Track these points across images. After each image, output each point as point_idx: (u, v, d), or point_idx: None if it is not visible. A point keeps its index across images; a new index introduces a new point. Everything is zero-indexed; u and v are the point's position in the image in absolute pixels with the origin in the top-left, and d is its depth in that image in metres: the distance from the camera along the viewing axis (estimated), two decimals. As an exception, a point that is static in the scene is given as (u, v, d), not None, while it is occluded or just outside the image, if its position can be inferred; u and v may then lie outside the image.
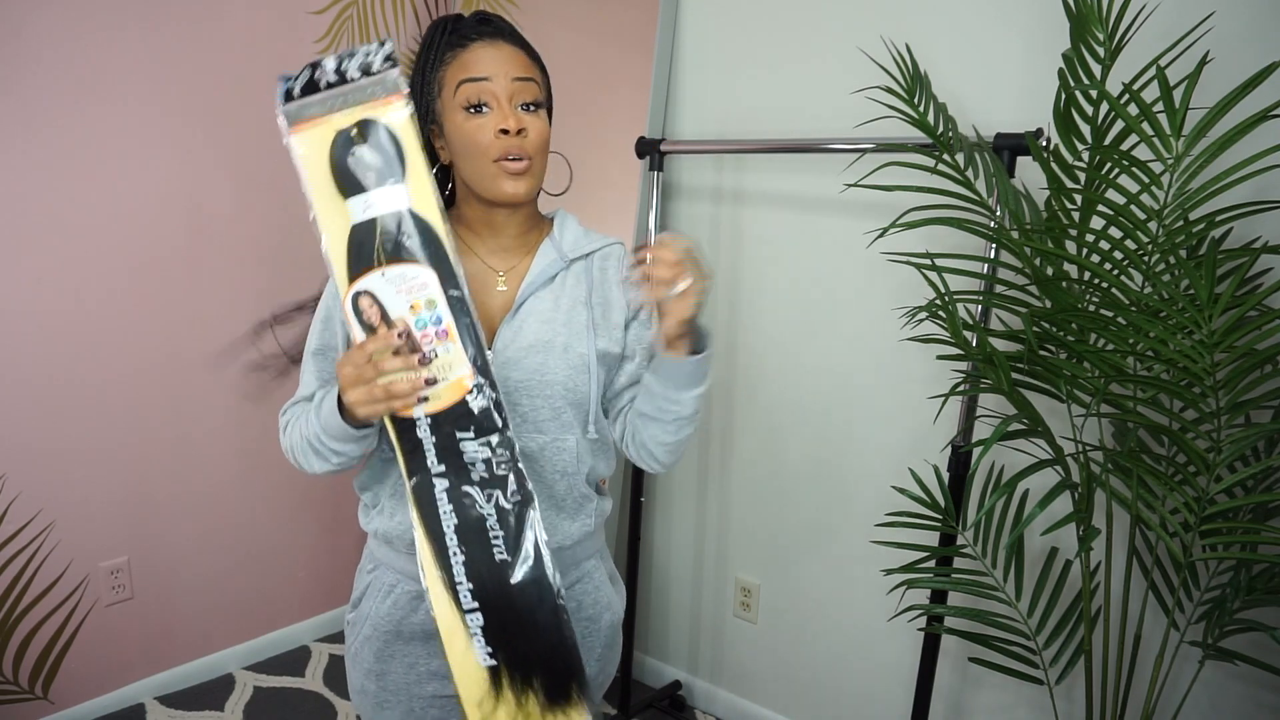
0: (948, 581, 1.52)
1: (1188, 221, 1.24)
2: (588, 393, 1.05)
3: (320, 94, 0.82)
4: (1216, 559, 1.27)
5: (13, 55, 1.81)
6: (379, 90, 0.80)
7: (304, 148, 0.85)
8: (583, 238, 1.10)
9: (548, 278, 1.06)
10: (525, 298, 1.04)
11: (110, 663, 2.16)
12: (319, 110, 0.82)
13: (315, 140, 0.84)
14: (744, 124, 2.06)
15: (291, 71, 0.84)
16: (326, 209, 0.87)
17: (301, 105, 0.83)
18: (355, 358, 0.88)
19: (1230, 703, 1.56)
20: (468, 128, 0.98)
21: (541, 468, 1.04)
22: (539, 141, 1.00)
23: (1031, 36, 1.63)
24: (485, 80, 0.97)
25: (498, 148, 0.97)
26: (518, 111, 0.98)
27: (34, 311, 1.91)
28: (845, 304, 1.95)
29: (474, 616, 0.91)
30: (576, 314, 1.06)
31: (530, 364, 1.02)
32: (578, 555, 1.11)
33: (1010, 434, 1.32)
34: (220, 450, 2.28)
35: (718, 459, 2.23)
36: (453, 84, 0.98)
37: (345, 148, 0.84)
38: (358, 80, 0.81)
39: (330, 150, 0.85)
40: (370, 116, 0.83)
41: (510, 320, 1.03)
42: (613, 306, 1.09)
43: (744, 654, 2.25)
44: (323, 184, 0.86)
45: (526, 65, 1.00)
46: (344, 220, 0.87)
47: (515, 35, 1.02)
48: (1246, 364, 1.15)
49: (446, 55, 0.99)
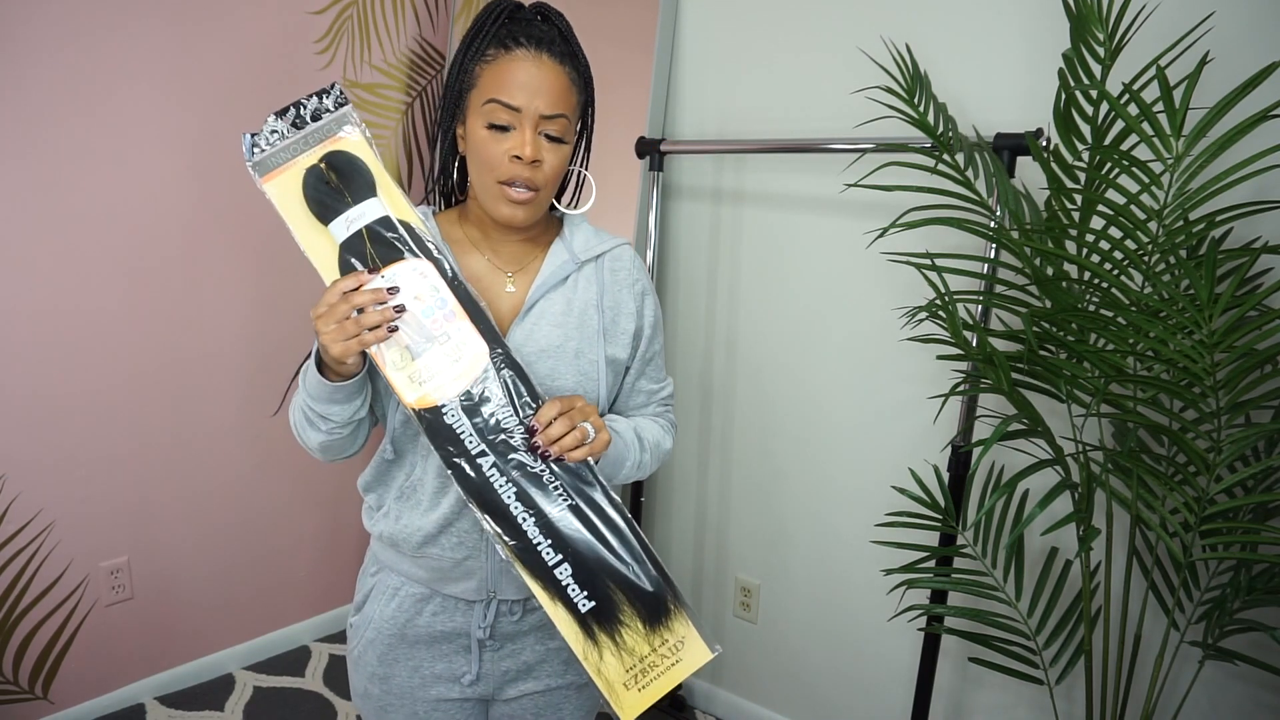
0: (948, 581, 1.52)
1: (1188, 221, 1.25)
2: (596, 398, 1.05)
3: (283, 142, 0.89)
4: (1216, 559, 1.27)
5: (12, 56, 1.81)
6: (334, 126, 0.87)
7: (278, 192, 0.90)
8: (593, 238, 1.09)
9: (560, 279, 1.05)
10: (537, 299, 1.03)
11: (110, 663, 2.16)
12: (285, 156, 0.88)
13: (287, 183, 0.89)
14: (744, 124, 2.06)
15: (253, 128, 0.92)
16: (312, 240, 0.90)
17: (267, 156, 0.89)
18: (327, 296, 0.88)
19: (1230, 703, 1.56)
20: (487, 141, 0.97)
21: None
22: (551, 174, 0.99)
23: (1031, 37, 1.63)
24: (515, 111, 0.96)
25: (507, 171, 0.96)
26: (538, 140, 0.97)
27: (34, 312, 1.91)
28: (845, 304, 1.95)
29: (562, 569, 0.94)
30: (588, 318, 1.05)
31: (540, 369, 1.01)
32: None
33: (1010, 434, 1.32)
34: (220, 450, 2.28)
35: (718, 459, 2.23)
36: (484, 94, 0.96)
37: (316, 180, 0.89)
38: (313, 125, 0.88)
39: (302, 187, 0.90)
40: (332, 149, 0.89)
41: (521, 322, 1.02)
42: (621, 313, 1.08)
43: (744, 654, 2.25)
44: (302, 219, 0.90)
45: (562, 93, 0.97)
46: (331, 244, 0.90)
47: (564, 44, 0.99)
48: (1246, 364, 1.15)
49: (490, 50, 0.97)
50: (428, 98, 2.57)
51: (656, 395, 1.16)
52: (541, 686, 1.11)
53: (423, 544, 1.04)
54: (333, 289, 0.88)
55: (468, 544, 1.03)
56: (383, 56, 2.43)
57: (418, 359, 0.91)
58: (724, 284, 2.15)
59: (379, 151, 0.95)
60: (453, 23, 2.51)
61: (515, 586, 1.06)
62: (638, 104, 2.12)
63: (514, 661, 1.10)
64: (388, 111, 2.48)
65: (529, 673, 1.11)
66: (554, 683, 1.12)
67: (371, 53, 2.40)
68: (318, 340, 0.91)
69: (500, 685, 1.10)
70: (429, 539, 1.03)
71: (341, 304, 0.87)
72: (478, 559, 1.04)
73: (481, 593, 1.05)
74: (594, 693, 1.17)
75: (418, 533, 1.03)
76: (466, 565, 1.04)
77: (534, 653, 1.10)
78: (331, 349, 0.88)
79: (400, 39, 2.46)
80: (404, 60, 2.48)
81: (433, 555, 1.04)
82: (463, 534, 1.03)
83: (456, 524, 1.03)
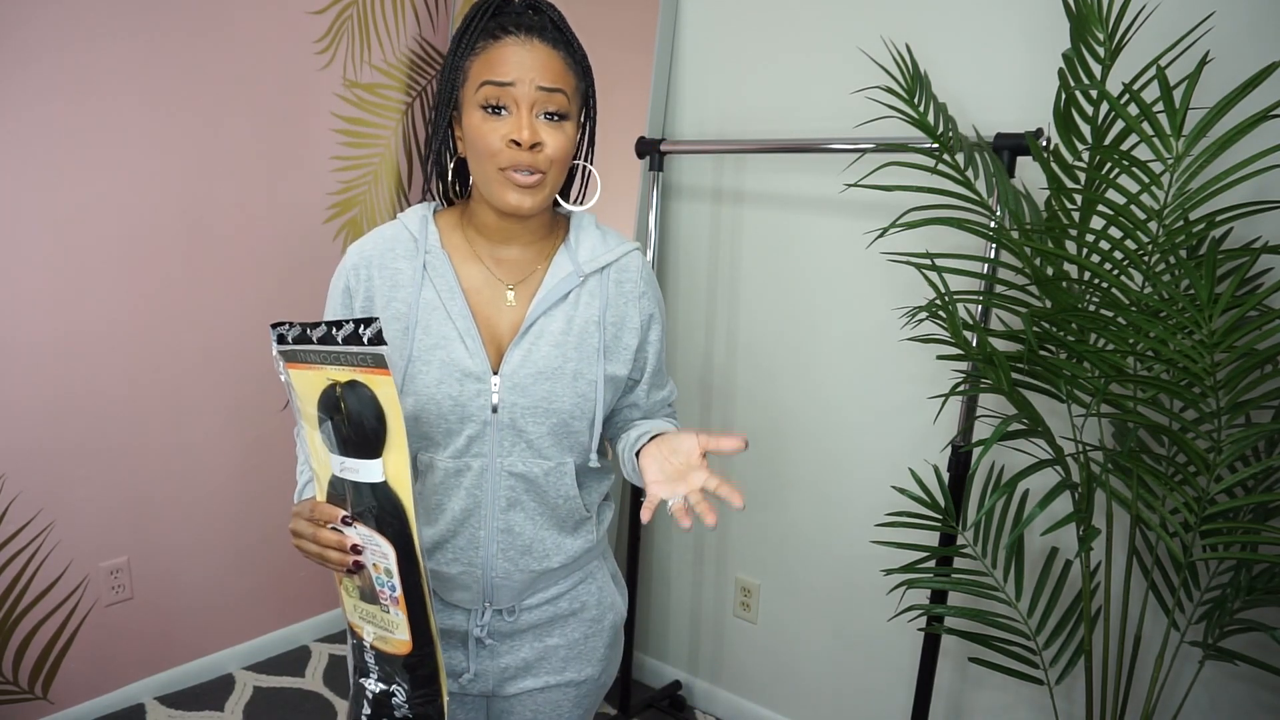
0: (948, 581, 1.52)
1: (1188, 221, 1.24)
2: (593, 418, 1.03)
3: (314, 345, 0.83)
4: (1216, 559, 1.27)
5: (11, 56, 1.81)
6: (369, 361, 0.79)
7: (299, 383, 0.86)
8: (600, 245, 1.05)
9: (560, 295, 1.01)
10: (536, 317, 1.00)
11: (110, 663, 2.16)
12: (314, 359, 0.83)
13: (309, 380, 0.84)
14: (744, 124, 2.06)
15: (283, 320, 0.87)
16: (313, 439, 0.88)
17: (295, 349, 0.84)
18: (302, 524, 0.89)
19: (1230, 703, 1.56)
20: (482, 128, 0.93)
21: (544, 491, 1.03)
22: (555, 155, 0.94)
23: (1031, 36, 1.63)
24: (508, 85, 0.92)
25: (506, 157, 0.93)
26: (536, 121, 0.93)
27: (34, 312, 1.91)
28: (845, 304, 1.95)
29: None
30: (589, 336, 1.02)
31: (538, 391, 0.98)
32: (582, 561, 1.12)
33: (1010, 434, 1.32)
34: (220, 450, 2.28)
35: (718, 459, 2.23)
36: (476, 81, 0.93)
37: (331, 408, 0.84)
38: (346, 347, 0.80)
39: (320, 403, 0.84)
40: (362, 380, 0.81)
41: (519, 343, 0.99)
42: (625, 327, 1.05)
43: (744, 654, 2.25)
44: (311, 419, 0.87)
45: (558, 72, 0.94)
46: (327, 461, 0.87)
47: (556, 32, 0.96)
48: (1246, 364, 1.15)
49: (479, 44, 0.94)
50: (428, 98, 2.57)
51: (665, 401, 1.17)
52: (540, 684, 1.12)
53: None
54: (312, 513, 0.88)
55: (463, 560, 1.03)
56: (383, 56, 2.43)
57: (362, 601, 0.91)
58: (724, 284, 2.15)
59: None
60: (452, 23, 2.51)
61: (510, 596, 1.06)
62: (638, 104, 2.12)
63: (512, 659, 1.10)
64: (388, 111, 2.48)
65: (528, 670, 1.11)
66: (553, 680, 1.12)
67: (371, 53, 2.40)
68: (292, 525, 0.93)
69: (500, 682, 1.11)
70: (425, 553, 1.02)
71: (310, 544, 0.88)
72: (473, 574, 1.04)
73: (477, 602, 1.06)
74: (593, 690, 1.17)
75: (427, 538, 1.04)
76: (462, 579, 1.04)
77: (532, 650, 1.10)
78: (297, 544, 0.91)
79: (400, 39, 2.46)
80: (404, 60, 2.48)
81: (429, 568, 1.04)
82: (458, 550, 1.03)
83: (453, 540, 1.03)
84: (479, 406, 0.98)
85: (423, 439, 1.00)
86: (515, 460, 1.00)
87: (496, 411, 0.98)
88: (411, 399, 0.97)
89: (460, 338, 0.98)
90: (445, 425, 0.98)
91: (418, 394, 0.97)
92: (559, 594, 1.10)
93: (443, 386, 0.97)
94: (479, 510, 1.01)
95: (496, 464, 1.00)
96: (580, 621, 1.12)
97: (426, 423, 0.98)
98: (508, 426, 0.99)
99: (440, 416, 0.97)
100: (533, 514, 1.03)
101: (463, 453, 0.99)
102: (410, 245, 1.02)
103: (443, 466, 1.00)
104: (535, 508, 1.03)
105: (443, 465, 1.00)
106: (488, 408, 0.98)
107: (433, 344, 0.98)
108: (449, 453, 0.99)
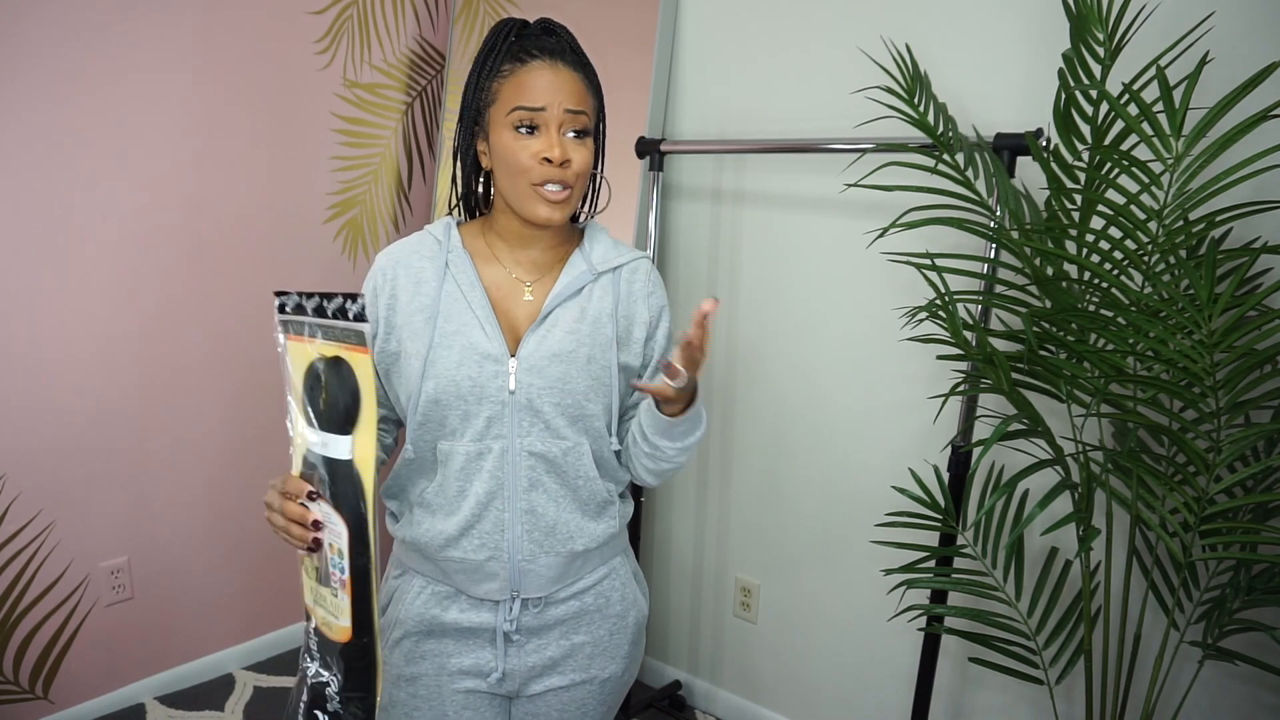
0: (948, 581, 1.52)
1: (1188, 221, 1.25)
2: (609, 403, 1.08)
3: (308, 316, 0.87)
4: (1216, 559, 1.27)
5: (11, 56, 1.81)
6: (353, 338, 0.84)
7: (293, 354, 0.90)
8: (611, 250, 1.12)
9: (575, 290, 1.08)
10: (552, 308, 1.06)
11: (110, 663, 2.16)
12: (307, 331, 0.88)
13: (299, 353, 0.89)
14: (744, 124, 2.06)
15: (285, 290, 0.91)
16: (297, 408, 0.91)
17: (290, 320, 0.89)
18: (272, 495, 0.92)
19: (1230, 703, 1.56)
20: (514, 146, 1.01)
21: (564, 471, 1.06)
22: (581, 170, 1.03)
23: (1031, 36, 1.63)
24: (540, 110, 1.00)
25: (539, 173, 1.00)
26: (564, 140, 1.01)
27: (34, 312, 1.91)
28: (845, 304, 1.95)
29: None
30: (602, 326, 1.08)
31: (553, 373, 1.03)
32: (605, 554, 1.14)
33: (1010, 434, 1.32)
34: (220, 450, 2.28)
35: (718, 459, 2.23)
36: (507, 104, 1.01)
37: (314, 384, 0.88)
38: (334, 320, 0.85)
39: (305, 375, 0.89)
40: (344, 358, 0.86)
41: (535, 329, 1.05)
42: (635, 322, 1.11)
43: (744, 654, 2.25)
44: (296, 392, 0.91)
45: (582, 94, 1.03)
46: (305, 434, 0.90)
47: (575, 55, 1.04)
48: (1246, 364, 1.15)
49: (505, 66, 1.02)
50: (428, 98, 2.57)
51: None
52: (566, 681, 1.13)
53: (444, 547, 1.06)
54: (284, 486, 0.91)
55: (489, 545, 1.05)
56: (383, 56, 2.43)
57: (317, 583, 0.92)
58: (724, 284, 2.15)
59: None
60: (452, 23, 2.51)
61: (538, 585, 1.08)
62: (638, 104, 2.12)
63: (539, 657, 1.11)
64: (388, 111, 2.48)
65: (554, 668, 1.12)
66: (578, 677, 1.14)
67: (371, 53, 2.40)
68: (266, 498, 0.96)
69: (525, 681, 1.12)
70: (450, 542, 1.06)
71: (277, 515, 0.91)
72: (500, 560, 1.06)
73: (505, 592, 1.08)
74: (616, 688, 1.18)
75: (439, 536, 1.06)
76: (489, 567, 1.06)
77: (559, 648, 1.12)
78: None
79: (400, 39, 2.46)
80: (404, 60, 2.48)
81: (455, 558, 1.06)
82: (484, 536, 1.05)
83: (478, 526, 1.05)
84: (497, 387, 1.02)
85: (440, 426, 1.04)
86: (534, 440, 1.04)
87: (514, 393, 1.03)
88: (432, 382, 1.02)
89: (480, 324, 1.04)
90: (464, 407, 1.02)
91: (438, 376, 1.02)
92: (585, 588, 1.12)
93: (462, 368, 1.02)
94: (502, 492, 1.05)
95: (516, 444, 1.04)
96: (605, 618, 1.14)
97: (445, 405, 1.02)
98: (525, 407, 1.03)
99: (459, 398, 1.02)
100: (555, 495, 1.07)
101: (483, 435, 1.03)
102: (434, 247, 1.08)
103: (463, 451, 1.04)
104: (557, 489, 1.07)
105: (463, 450, 1.04)
106: (505, 389, 1.03)
107: (453, 330, 1.03)
108: (469, 436, 1.04)
